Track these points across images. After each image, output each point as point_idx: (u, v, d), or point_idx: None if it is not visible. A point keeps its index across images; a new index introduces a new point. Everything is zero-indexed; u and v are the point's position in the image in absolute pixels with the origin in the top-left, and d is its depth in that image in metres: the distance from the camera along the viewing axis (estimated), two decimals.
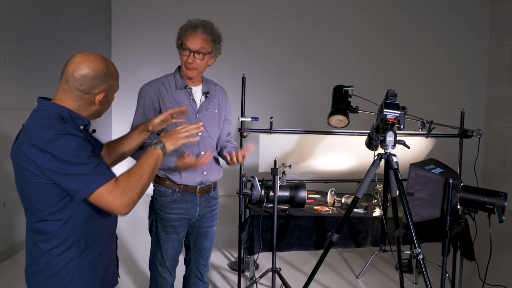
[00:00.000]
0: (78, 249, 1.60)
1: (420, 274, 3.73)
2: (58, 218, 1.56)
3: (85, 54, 1.62)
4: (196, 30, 2.44)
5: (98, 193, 1.51)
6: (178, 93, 2.52)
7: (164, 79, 2.56)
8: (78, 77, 1.58)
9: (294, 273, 4.07)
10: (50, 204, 1.54)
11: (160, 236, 2.54)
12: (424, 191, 2.93)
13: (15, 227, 4.44)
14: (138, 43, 7.14)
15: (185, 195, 2.53)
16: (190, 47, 2.43)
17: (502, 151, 7.05)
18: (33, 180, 1.52)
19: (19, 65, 4.51)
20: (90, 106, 1.64)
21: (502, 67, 7.13)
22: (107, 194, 1.51)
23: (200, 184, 2.55)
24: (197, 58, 2.45)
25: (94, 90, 1.60)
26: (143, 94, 2.52)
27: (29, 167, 1.51)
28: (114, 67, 1.69)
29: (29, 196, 1.55)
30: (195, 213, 2.58)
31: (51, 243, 1.57)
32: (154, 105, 2.49)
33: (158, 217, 2.53)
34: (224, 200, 3.87)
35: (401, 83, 7.06)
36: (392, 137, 2.55)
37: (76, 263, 1.60)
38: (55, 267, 1.58)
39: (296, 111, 7.26)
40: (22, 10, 4.53)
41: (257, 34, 7.19)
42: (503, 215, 2.59)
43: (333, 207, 3.55)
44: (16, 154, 1.56)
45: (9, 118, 4.31)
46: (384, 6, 7.42)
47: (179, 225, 2.55)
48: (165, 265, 2.57)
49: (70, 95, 1.61)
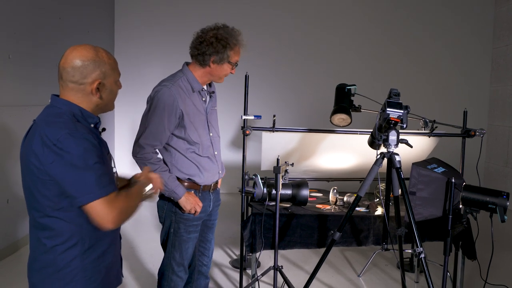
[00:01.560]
0: (82, 247, 1.59)
1: (422, 273, 3.74)
2: (64, 215, 1.55)
3: (74, 46, 1.61)
4: (242, 44, 2.48)
5: (93, 205, 1.50)
6: (194, 96, 2.48)
7: (179, 80, 2.45)
8: (69, 69, 1.57)
9: (296, 271, 4.08)
10: (56, 201, 1.53)
11: (182, 237, 2.54)
12: (426, 190, 2.94)
13: (18, 224, 4.46)
14: (141, 40, 7.14)
15: (203, 194, 2.57)
16: (238, 61, 2.49)
17: (504, 151, 7.05)
18: (39, 176, 1.51)
19: (23, 62, 4.52)
20: (90, 97, 1.61)
21: (505, 67, 7.12)
22: (102, 207, 1.50)
23: (214, 182, 2.62)
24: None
25: (87, 79, 1.58)
26: (163, 97, 2.37)
27: (35, 162, 1.50)
28: (108, 54, 1.65)
29: (35, 192, 1.55)
30: (209, 209, 2.65)
31: (56, 239, 1.57)
32: (176, 110, 2.39)
33: (181, 218, 2.52)
34: (226, 198, 3.88)
35: (404, 82, 7.05)
36: (394, 136, 2.55)
37: (79, 261, 1.59)
38: (59, 264, 1.58)
39: (299, 110, 7.27)
40: (26, 8, 4.55)
41: (260, 32, 7.18)
42: (505, 214, 2.60)
43: (335, 206, 3.56)
44: (26, 150, 1.56)
45: (13, 115, 4.32)
46: (387, 6, 7.41)
47: (199, 223, 2.60)
48: (183, 264, 2.59)
49: (67, 90, 1.60)
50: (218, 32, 2.40)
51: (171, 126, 2.40)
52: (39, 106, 4.91)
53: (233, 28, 2.46)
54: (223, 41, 2.38)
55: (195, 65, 2.47)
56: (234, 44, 2.41)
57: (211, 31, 2.41)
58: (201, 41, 2.41)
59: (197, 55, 2.43)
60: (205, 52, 2.39)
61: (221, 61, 2.41)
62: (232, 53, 2.42)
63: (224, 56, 2.40)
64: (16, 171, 4.38)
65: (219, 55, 2.39)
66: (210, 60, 2.41)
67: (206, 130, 2.53)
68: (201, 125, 2.50)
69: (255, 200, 3.37)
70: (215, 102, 2.66)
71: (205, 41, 2.39)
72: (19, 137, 4.72)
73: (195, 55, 2.45)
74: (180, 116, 2.40)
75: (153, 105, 2.39)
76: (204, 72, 2.47)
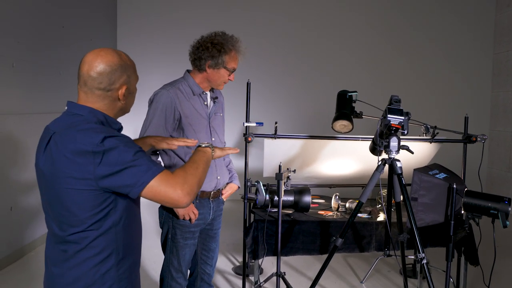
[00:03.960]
0: (117, 257, 1.54)
1: (424, 279, 3.72)
2: (100, 226, 1.50)
3: (95, 51, 1.55)
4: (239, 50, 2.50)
5: (156, 183, 1.43)
6: (194, 99, 2.53)
7: (179, 84, 2.53)
8: (95, 76, 1.52)
9: (299, 278, 4.08)
10: (94, 212, 1.47)
11: (179, 243, 2.56)
12: (428, 196, 2.94)
13: (22, 231, 4.48)
14: (143, 48, 7.19)
15: (201, 201, 2.58)
16: (235, 67, 2.50)
17: (506, 156, 7.04)
18: (77, 188, 1.44)
19: (26, 70, 4.56)
20: (115, 103, 1.58)
21: (506, 72, 7.13)
22: (165, 184, 1.44)
23: (213, 189, 2.61)
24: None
25: (115, 85, 1.55)
26: (162, 99, 2.45)
27: (75, 174, 1.43)
28: (128, 56, 1.63)
29: (70, 205, 1.47)
30: (209, 217, 2.64)
31: (88, 252, 1.50)
32: (174, 111, 2.45)
33: (177, 224, 2.54)
34: (229, 205, 3.88)
35: (405, 88, 7.07)
36: (396, 143, 2.56)
37: (114, 272, 1.54)
38: (93, 277, 1.51)
39: (300, 116, 7.29)
40: (29, 16, 4.59)
41: (262, 39, 7.22)
42: (507, 220, 2.60)
43: (337, 212, 3.57)
44: (53, 161, 1.47)
45: (16, 123, 4.35)
46: (388, 12, 7.44)
47: (196, 230, 2.60)
48: (181, 270, 2.60)
49: (92, 97, 1.54)
50: (215, 38, 2.47)
51: (169, 126, 2.45)
52: (43, 114, 4.94)
53: (232, 35, 2.50)
54: (218, 46, 2.44)
55: (195, 71, 2.55)
56: (229, 49, 2.45)
57: (208, 37, 2.49)
58: (197, 46, 2.49)
59: (194, 59, 2.50)
60: (201, 57, 2.47)
61: (216, 65, 2.46)
62: (228, 58, 2.46)
63: (219, 61, 2.45)
64: (19, 179, 4.42)
65: (214, 59, 2.45)
66: (206, 65, 2.47)
67: (207, 134, 2.56)
68: (202, 129, 2.53)
69: (257, 207, 3.38)
70: (220, 108, 2.69)
71: (201, 46, 2.47)
72: (23, 145, 4.74)
73: (192, 60, 2.52)
74: (178, 118, 2.46)
75: (152, 107, 2.47)
76: (203, 78, 2.53)
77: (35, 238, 4.68)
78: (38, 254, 4.49)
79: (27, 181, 4.37)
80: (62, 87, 5.14)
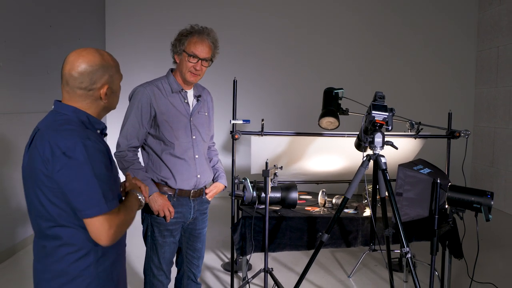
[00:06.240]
0: (96, 255, 1.56)
1: (410, 272, 3.79)
2: (77, 223, 1.51)
3: (77, 51, 1.57)
4: (205, 37, 2.48)
5: (95, 220, 1.47)
6: (173, 97, 2.53)
7: (158, 82, 2.55)
8: (76, 76, 1.53)
9: (287, 273, 4.12)
10: (67, 209, 1.50)
11: (157, 241, 2.55)
12: (413, 191, 2.99)
13: (14, 228, 4.46)
14: (132, 47, 7.15)
15: (180, 199, 2.55)
16: (198, 54, 2.46)
17: (490, 151, 7.16)
18: (48, 185, 1.48)
19: (14, 70, 4.52)
20: (98, 102, 1.60)
21: (489, 69, 7.24)
22: (103, 223, 1.47)
23: (194, 188, 2.58)
24: (203, 66, 2.50)
25: (96, 85, 1.56)
26: (138, 96, 2.48)
27: (44, 170, 1.47)
28: (111, 56, 1.63)
29: (44, 201, 1.51)
30: (189, 216, 2.62)
31: (68, 248, 1.53)
32: (150, 108, 2.47)
33: (155, 222, 2.53)
34: (216, 202, 3.91)
35: (391, 85, 7.14)
36: (380, 138, 2.60)
37: (93, 269, 1.55)
38: (72, 273, 1.53)
39: (287, 113, 7.32)
40: (16, 16, 4.54)
41: (248, 36, 7.23)
42: (489, 214, 2.64)
43: (324, 208, 3.60)
44: (31, 158, 1.52)
45: (4, 123, 4.32)
46: (374, 9, 7.50)
47: (175, 228, 2.58)
48: (162, 268, 2.59)
49: (75, 96, 1.56)
50: (184, 29, 2.52)
51: (145, 123, 2.47)
52: (31, 113, 4.91)
53: (204, 27, 2.52)
54: (181, 32, 2.51)
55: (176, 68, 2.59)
56: (190, 34, 2.48)
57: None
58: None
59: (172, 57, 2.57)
60: (171, 49, 2.54)
61: (179, 52, 2.50)
62: (187, 42, 2.47)
63: (181, 47, 2.49)
64: (10, 177, 4.39)
65: (178, 47, 2.50)
66: (174, 55, 2.53)
67: (187, 131, 2.54)
68: (181, 126, 2.52)
69: (245, 204, 3.39)
70: (205, 107, 2.68)
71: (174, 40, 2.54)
72: (12, 144, 4.71)
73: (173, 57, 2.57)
74: (153, 114, 2.48)
75: (130, 104, 2.52)
76: (178, 71, 2.56)
77: (25, 236, 4.65)
78: (28, 253, 4.46)
79: (17, 180, 4.33)
80: (50, 87, 5.10)
